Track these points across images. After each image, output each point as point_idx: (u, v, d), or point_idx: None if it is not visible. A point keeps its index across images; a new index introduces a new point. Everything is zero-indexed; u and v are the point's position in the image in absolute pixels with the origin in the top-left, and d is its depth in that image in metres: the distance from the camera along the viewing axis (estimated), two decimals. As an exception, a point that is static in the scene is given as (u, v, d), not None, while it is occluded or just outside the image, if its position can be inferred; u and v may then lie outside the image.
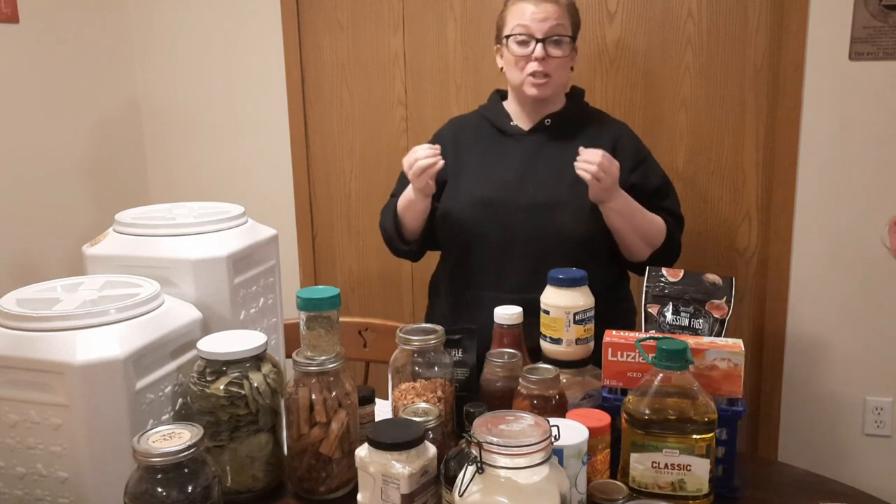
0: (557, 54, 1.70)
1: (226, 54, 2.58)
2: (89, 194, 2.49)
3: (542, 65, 1.69)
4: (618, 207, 1.66)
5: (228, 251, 1.30)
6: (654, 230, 1.73)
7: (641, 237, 1.71)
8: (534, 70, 1.69)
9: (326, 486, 1.19)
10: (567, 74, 1.77)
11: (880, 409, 2.24)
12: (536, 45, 1.68)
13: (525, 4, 1.70)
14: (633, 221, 1.69)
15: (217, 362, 1.16)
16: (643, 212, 1.71)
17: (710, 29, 2.19)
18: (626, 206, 1.67)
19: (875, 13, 2.05)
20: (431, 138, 1.89)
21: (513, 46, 1.71)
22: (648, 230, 1.72)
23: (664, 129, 2.25)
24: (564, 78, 1.77)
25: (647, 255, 1.73)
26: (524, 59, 1.70)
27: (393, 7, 2.41)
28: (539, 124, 1.77)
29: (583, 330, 1.29)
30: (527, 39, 1.69)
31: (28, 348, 1.07)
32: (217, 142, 2.66)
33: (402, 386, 1.25)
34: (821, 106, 2.13)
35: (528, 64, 1.69)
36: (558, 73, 1.72)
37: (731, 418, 1.17)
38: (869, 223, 2.16)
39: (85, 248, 1.34)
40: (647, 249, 1.73)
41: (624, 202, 1.66)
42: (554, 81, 1.72)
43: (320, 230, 2.64)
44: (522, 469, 0.88)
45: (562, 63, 1.72)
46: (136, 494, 0.99)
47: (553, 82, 1.72)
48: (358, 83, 2.50)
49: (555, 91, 1.75)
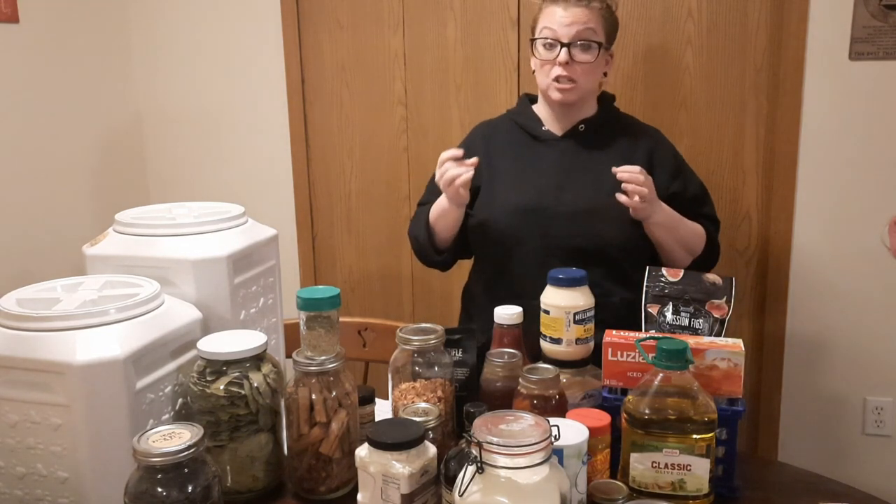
0: (584, 59, 1.65)
1: (226, 54, 2.58)
2: (89, 194, 2.49)
3: (566, 69, 1.64)
4: (661, 221, 1.63)
5: (228, 251, 1.29)
6: (696, 239, 1.71)
7: (684, 247, 1.69)
8: (558, 75, 1.65)
9: (326, 486, 1.19)
10: (596, 80, 1.73)
11: (880, 409, 2.24)
12: (561, 49, 1.64)
13: (555, 7, 1.66)
14: (677, 233, 1.67)
15: (217, 362, 1.16)
16: (685, 222, 1.68)
17: (710, 29, 2.19)
18: (668, 219, 1.64)
19: (875, 13, 2.05)
20: (460, 144, 1.84)
21: (539, 49, 1.68)
22: (690, 240, 1.70)
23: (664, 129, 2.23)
24: (593, 84, 1.72)
25: (688, 263, 1.70)
26: (550, 62, 1.66)
27: (393, 7, 2.41)
28: (573, 130, 1.74)
29: (583, 330, 1.29)
30: (553, 43, 1.65)
31: (28, 348, 1.07)
32: (217, 141, 2.66)
33: (402, 386, 1.25)
34: (821, 106, 2.13)
35: (553, 68, 1.66)
36: (585, 79, 1.67)
37: (731, 418, 1.16)
38: (869, 223, 2.16)
39: (85, 248, 1.34)
40: (688, 258, 1.70)
41: (666, 215, 1.64)
42: (580, 87, 1.67)
43: (320, 230, 2.64)
44: (522, 469, 0.88)
45: (589, 69, 1.67)
46: (136, 494, 0.99)
47: (579, 88, 1.67)
48: (358, 83, 2.50)
49: (581, 97, 1.71)
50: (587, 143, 1.73)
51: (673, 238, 1.67)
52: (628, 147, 1.73)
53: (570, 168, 1.71)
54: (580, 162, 1.71)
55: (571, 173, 1.71)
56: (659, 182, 1.69)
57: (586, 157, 1.72)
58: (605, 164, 1.62)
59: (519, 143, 1.77)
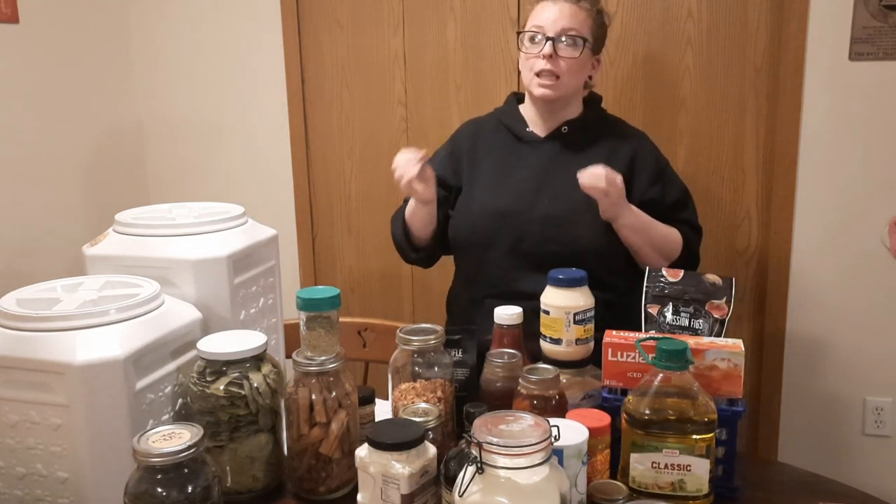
0: (568, 55, 1.65)
1: (226, 54, 2.58)
2: (89, 194, 2.49)
3: (550, 63, 1.64)
4: (630, 223, 1.63)
5: (228, 251, 1.29)
6: (670, 244, 1.70)
7: (657, 251, 1.68)
8: (541, 68, 1.65)
9: (326, 486, 1.19)
10: (581, 80, 1.72)
11: (880, 410, 2.24)
12: (546, 42, 1.64)
13: (546, 3, 1.68)
14: (647, 236, 1.66)
15: (217, 362, 1.16)
16: (656, 226, 1.68)
17: (710, 29, 2.19)
18: (637, 222, 1.64)
19: (875, 13, 2.05)
20: (448, 141, 1.87)
21: (525, 43, 1.69)
22: (664, 244, 1.69)
23: (664, 129, 2.25)
24: (577, 83, 1.72)
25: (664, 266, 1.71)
26: (534, 56, 1.66)
27: (393, 7, 2.41)
28: (556, 131, 1.74)
29: (583, 330, 1.29)
30: (538, 36, 1.66)
31: (28, 348, 1.07)
32: (217, 142, 2.66)
33: (402, 386, 1.25)
34: (821, 106, 2.13)
35: (537, 62, 1.66)
36: (569, 77, 1.67)
37: (731, 418, 1.17)
38: (869, 223, 2.16)
39: (85, 248, 1.34)
40: (663, 262, 1.68)
41: (635, 218, 1.64)
42: (564, 84, 1.67)
43: (320, 230, 2.64)
44: (522, 469, 0.88)
45: (574, 65, 1.67)
46: (136, 494, 0.99)
47: (563, 85, 1.67)
48: (358, 83, 2.50)
49: (564, 95, 1.70)
50: (570, 146, 1.73)
51: (643, 241, 1.66)
52: (611, 150, 1.72)
53: (549, 171, 1.71)
54: (560, 165, 1.71)
55: (551, 177, 1.70)
56: (637, 186, 1.70)
57: (567, 159, 1.71)
58: (586, 167, 1.62)
59: (503, 143, 1.78)
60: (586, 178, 1.56)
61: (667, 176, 1.77)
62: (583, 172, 1.57)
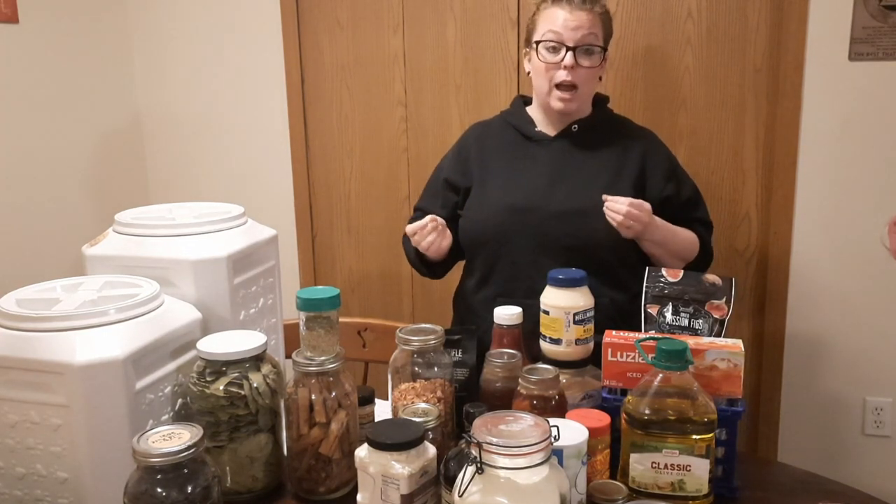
0: (587, 64, 1.65)
1: (226, 54, 2.58)
2: (89, 194, 2.49)
3: (570, 74, 1.64)
4: (653, 239, 1.63)
5: (228, 251, 1.29)
6: (690, 248, 1.71)
7: (677, 257, 1.69)
8: (562, 80, 1.64)
9: (326, 486, 1.19)
10: (595, 85, 1.73)
11: (880, 410, 2.24)
12: (567, 53, 1.63)
13: (558, 10, 1.65)
14: (669, 247, 1.67)
15: (217, 363, 1.16)
16: (677, 234, 1.68)
17: (710, 29, 2.19)
18: (661, 237, 1.64)
19: (875, 13, 2.05)
20: (455, 145, 1.86)
21: (543, 53, 1.66)
22: (684, 250, 1.70)
23: (664, 129, 2.25)
24: (593, 89, 1.73)
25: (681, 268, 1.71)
26: (553, 66, 1.65)
27: (393, 7, 2.41)
28: (566, 130, 1.73)
29: (582, 330, 1.29)
30: (557, 46, 1.64)
31: (28, 348, 1.07)
32: (217, 142, 2.66)
33: (401, 386, 1.25)
34: (821, 106, 2.13)
35: (557, 72, 1.65)
36: (586, 85, 1.68)
37: (731, 418, 1.17)
38: (869, 223, 2.16)
39: (85, 248, 1.34)
40: (681, 265, 1.69)
41: (659, 234, 1.63)
42: (581, 93, 1.67)
43: (320, 230, 2.64)
44: (522, 469, 0.88)
45: (591, 73, 1.67)
46: (135, 494, 0.99)
47: (580, 95, 1.67)
48: (358, 83, 2.50)
49: (581, 105, 1.71)
50: (580, 144, 1.73)
51: (666, 251, 1.67)
52: (622, 149, 1.72)
53: (562, 168, 1.71)
54: (573, 162, 1.71)
55: (564, 173, 1.70)
56: (653, 184, 1.70)
57: (579, 157, 1.71)
58: (598, 164, 1.62)
59: (512, 143, 1.77)
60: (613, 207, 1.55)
61: (678, 173, 1.78)
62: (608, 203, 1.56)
